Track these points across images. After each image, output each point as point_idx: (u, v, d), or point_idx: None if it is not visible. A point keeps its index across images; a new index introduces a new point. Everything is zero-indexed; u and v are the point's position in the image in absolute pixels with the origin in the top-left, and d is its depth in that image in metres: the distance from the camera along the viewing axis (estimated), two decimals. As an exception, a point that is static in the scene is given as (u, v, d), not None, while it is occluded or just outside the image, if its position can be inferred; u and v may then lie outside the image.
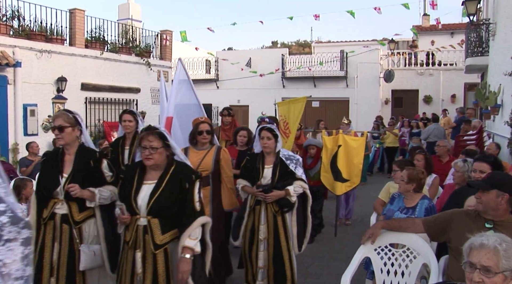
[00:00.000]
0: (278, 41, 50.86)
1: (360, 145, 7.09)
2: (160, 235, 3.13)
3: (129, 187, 3.24)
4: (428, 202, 4.18)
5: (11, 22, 11.42)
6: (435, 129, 13.13)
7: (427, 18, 26.48)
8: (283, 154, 4.60)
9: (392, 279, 3.59)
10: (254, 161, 4.67)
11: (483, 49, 13.09)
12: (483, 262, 2.17)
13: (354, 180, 7.03)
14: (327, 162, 7.00)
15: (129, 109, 5.26)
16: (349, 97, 22.03)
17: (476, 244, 2.23)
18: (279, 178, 4.48)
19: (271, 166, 4.55)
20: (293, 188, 4.45)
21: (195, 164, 4.62)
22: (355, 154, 7.00)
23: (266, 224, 4.53)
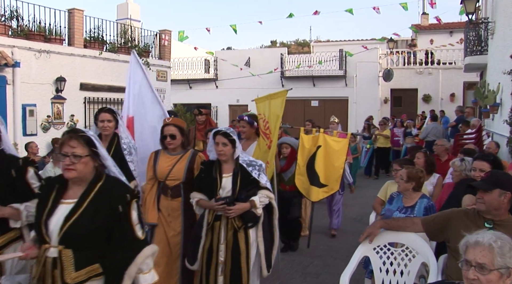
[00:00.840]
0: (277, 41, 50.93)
1: (342, 147, 6.24)
2: (73, 272, 2.38)
3: (41, 207, 2.51)
4: (427, 201, 4.18)
5: (10, 22, 11.42)
6: (433, 129, 13.14)
7: (426, 17, 26.48)
8: (243, 159, 4.02)
9: (391, 278, 3.59)
10: (209, 169, 4.03)
11: (482, 48, 13.09)
12: (478, 259, 2.18)
13: (333, 185, 6.19)
14: (303, 164, 6.19)
15: (106, 107, 4.71)
16: (348, 97, 22.04)
17: (471, 241, 2.24)
18: (240, 187, 3.90)
19: (230, 174, 3.96)
20: (259, 198, 3.89)
21: (164, 171, 4.28)
22: (336, 156, 6.18)
23: (226, 242, 3.92)
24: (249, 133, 5.54)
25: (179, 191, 4.31)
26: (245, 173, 3.95)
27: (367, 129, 14.45)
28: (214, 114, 23.07)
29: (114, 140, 4.59)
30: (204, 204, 4.01)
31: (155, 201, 4.34)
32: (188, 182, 4.27)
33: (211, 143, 4.03)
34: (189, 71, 24.31)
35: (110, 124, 4.60)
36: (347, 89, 22.00)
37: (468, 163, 4.63)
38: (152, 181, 4.39)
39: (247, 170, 3.95)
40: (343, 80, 21.98)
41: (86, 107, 13.01)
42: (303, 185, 6.17)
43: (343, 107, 22.01)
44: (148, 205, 4.31)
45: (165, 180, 4.29)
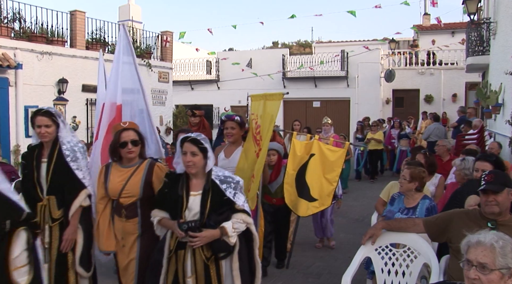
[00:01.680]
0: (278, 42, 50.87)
1: (339, 157, 5.33)
2: None
3: None
4: (429, 202, 4.17)
5: (12, 24, 11.46)
6: (435, 129, 13.13)
7: (427, 18, 26.46)
8: (217, 174, 3.31)
9: (392, 279, 3.59)
10: (174, 184, 3.32)
11: (484, 48, 13.07)
12: (479, 258, 2.18)
13: (324, 200, 5.36)
14: (292, 173, 5.42)
15: (43, 109, 3.88)
16: (350, 97, 22.02)
17: (473, 241, 2.25)
18: (211, 210, 3.20)
19: (199, 192, 3.24)
20: (232, 224, 3.19)
21: (117, 187, 3.63)
22: (331, 168, 5.32)
23: (194, 275, 3.23)
24: (237, 137, 4.91)
25: (135, 210, 3.66)
26: (217, 192, 3.23)
27: (360, 131, 13.93)
28: (215, 115, 23.08)
29: (55, 147, 3.84)
30: (167, 224, 3.32)
31: (110, 224, 3.73)
32: (146, 199, 3.62)
33: (178, 153, 3.33)
34: (191, 73, 24.34)
35: (49, 130, 3.82)
36: (349, 90, 21.99)
37: (468, 162, 4.64)
38: (104, 200, 3.75)
39: (220, 188, 3.24)
40: (345, 81, 21.98)
41: (88, 108, 13.04)
42: (291, 196, 5.38)
43: (345, 108, 22.01)
44: (102, 229, 3.70)
45: (119, 198, 3.65)
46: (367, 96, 21.46)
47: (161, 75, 15.79)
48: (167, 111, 16.22)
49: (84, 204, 3.79)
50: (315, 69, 21.72)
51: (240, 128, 4.88)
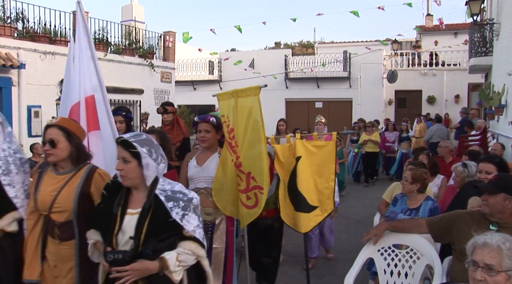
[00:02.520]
0: (281, 42, 50.90)
1: (328, 152, 4.59)
2: None
3: None
4: (432, 203, 4.17)
5: (15, 24, 11.48)
6: (438, 130, 13.12)
7: (430, 18, 26.46)
8: (163, 188, 2.57)
9: (395, 280, 3.58)
10: (113, 198, 2.62)
11: (487, 49, 13.06)
12: (486, 260, 2.17)
13: (326, 205, 4.56)
14: (283, 184, 4.63)
15: None
16: (352, 98, 22.01)
17: (479, 242, 2.24)
18: (149, 234, 2.47)
19: (138, 210, 2.53)
20: (177, 255, 2.48)
21: (47, 199, 2.91)
22: (323, 166, 4.59)
23: None
24: (212, 142, 4.09)
25: (70, 230, 2.92)
26: (160, 211, 2.50)
27: (355, 133, 13.34)
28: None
29: None
30: (100, 250, 2.61)
31: (38, 246, 2.96)
32: (81, 213, 2.92)
33: None
34: (193, 73, 24.36)
35: None
36: (351, 90, 21.98)
37: (471, 168, 4.62)
38: (35, 215, 3.00)
39: (164, 206, 2.50)
40: (347, 81, 21.97)
41: (90, 108, 13.04)
42: (285, 210, 4.60)
43: (347, 109, 22.00)
44: (28, 253, 2.96)
45: (49, 213, 2.91)
46: (370, 97, 21.45)
47: (163, 75, 15.80)
48: (169, 111, 16.22)
49: (8, 229, 2.98)
50: (318, 70, 21.71)
51: (216, 131, 4.06)
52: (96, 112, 3.95)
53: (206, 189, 3.95)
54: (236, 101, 3.92)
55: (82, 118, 3.80)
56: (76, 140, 3.03)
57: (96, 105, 3.98)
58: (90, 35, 4.25)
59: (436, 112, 19.16)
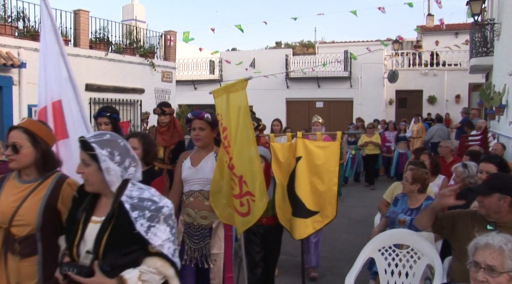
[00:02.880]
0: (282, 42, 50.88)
1: (332, 153, 4.11)
2: None
3: None
4: (432, 203, 4.16)
5: (16, 23, 11.49)
6: (438, 130, 13.11)
7: (431, 18, 26.45)
8: (130, 195, 2.25)
9: (396, 279, 3.59)
10: (80, 203, 2.36)
11: (487, 49, 13.05)
12: (488, 261, 2.17)
13: (328, 211, 4.07)
14: (282, 185, 4.15)
15: None
16: (353, 98, 22.02)
17: (481, 243, 2.23)
18: (109, 247, 2.17)
19: (101, 218, 2.24)
20: (138, 275, 2.15)
21: (7, 210, 2.55)
22: (325, 168, 4.10)
23: None
24: (208, 140, 3.79)
25: (33, 245, 2.56)
26: (123, 221, 2.17)
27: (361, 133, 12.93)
28: (218, 115, 23.05)
29: None
30: None
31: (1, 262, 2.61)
32: (49, 229, 2.56)
33: None
34: (194, 72, 24.36)
35: None
36: (352, 90, 21.98)
37: (471, 168, 4.61)
38: None
39: (129, 215, 2.17)
40: (348, 81, 21.97)
41: (91, 108, 13.05)
42: (285, 215, 4.15)
43: (348, 109, 22.00)
44: None
45: (9, 227, 2.55)
46: (370, 97, 21.45)
47: (164, 75, 15.81)
48: (170, 111, 16.24)
49: None
50: (318, 70, 21.71)
51: (211, 129, 3.76)
52: (63, 119, 3.58)
53: (201, 192, 3.69)
54: (228, 97, 3.55)
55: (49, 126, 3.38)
56: (43, 145, 2.66)
57: (64, 110, 3.62)
58: (57, 28, 3.94)
59: (436, 112, 19.16)
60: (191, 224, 3.68)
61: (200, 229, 3.67)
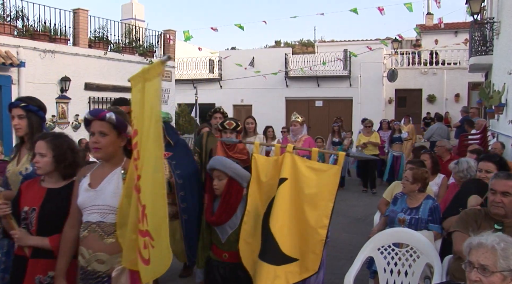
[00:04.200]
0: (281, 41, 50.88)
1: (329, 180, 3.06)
2: None
3: None
4: (432, 202, 4.16)
5: (15, 22, 11.47)
6: (438, 129, 13.10)
7: (430, 17, 26.45)
8: None
9: (395, 278, 3.58)
10: None
11: (487, 48, 13.04)
12: (481, 260, 2.18)
13: (308, 261, 3.05)
14: (254, 215, 3.23)
15: None
16: (353, 97, 22.01)
17: (474, 243, 2.24)
18: None
19: None
20: None
21: None
22: (317, 200, 3.06)
23: None
24: (111, 150, 2.72)
25: None
26: None
27: (337, 133, 11.64)
28: (218, 114, 23.01)
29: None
30: None
31: None
32: None
33: None
34: (193, 71, 24.36)
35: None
36: (352, 89, 21.97)
37: (461, 164, 4.65)
38: None
39: None
40: (347, 80, 21.96)
41: (90, 107, 13.04)
42: (252, 253, 3.18)
43: (347, 108, 21.99)
44: None
45: None
46: (370, 96, 21.45)
47: (163, 74, 15.79)
48: (169, 110, 16.23)
49: None
50: (318, 69, 21.69)
51: (117, 134, 2.70)
52: None
53: (100, 224, 2.63)
54: (143, 88, 2.31)
55: None
56: None
57: None
58: None
59: (436, 111, 19.15)
60: (85, 268, 2.65)
61: (96, 277, 2.63)
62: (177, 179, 4.48)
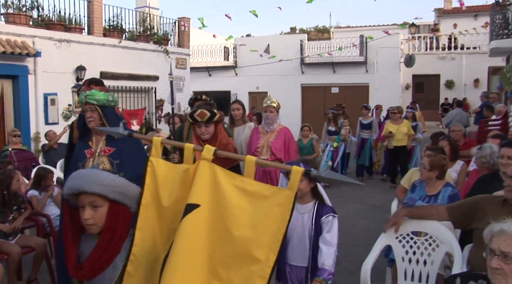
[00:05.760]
0: (296, 27, 50.38)
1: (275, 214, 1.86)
2: None
3: None
4: (451, 189, 4.06)
5: (31, 12, 11.52)
6: (457, 115, 12.87)
7: (449, 0, 25.88)
8: None
9: (414, 267, 3.52)
10: None
11: (509, 31, 12.74)
12: (502, 248, 2.11)
13: None
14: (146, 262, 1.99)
15: None
16: (369, 83, 21.72)
17: (495, 230, 2.18)
18: None
19: None
20: None
21: None
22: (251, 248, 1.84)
23: None
24: None
25: None
26: None
27: (332, 121, 10.15)
28: (233, 102, 22.99)
29: None
30: None
31: None
32: None
33: None
34: (208, 59, 24.30)
35: None
36: (368, 75, 21.68)
37: (484, 149, 4.52)
38: None
39: None
40: (363, 66, 21.68)
41: (106, 96, 13.10)
42: None
43: (363, 94, 21.72)
44: None
45: None
46: (387, 82, 21.14)
47: (178, 62, 15.76)
48: (184, 97, 16.22)
49: None
50: (334, 55, 21.44)
51: None
52: None
53: None
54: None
55: None
56: None
57: None
58: None
59: (454, 97, 18.84)
60: None
61: None
62: None
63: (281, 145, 5.18)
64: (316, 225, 3.12)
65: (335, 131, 10.10)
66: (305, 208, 3.17)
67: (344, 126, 10.27)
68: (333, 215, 3.16)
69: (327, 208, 3.21)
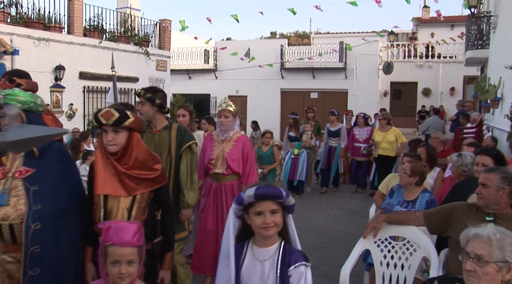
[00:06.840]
0: (277, 32, 50.66)
1: None
2: None
3: None
4: (429, 195, 4.15)
5: (9, 9, 11.33)
6: (434, 122, 13.14)
7: (427, 10, 26.40)
8: None
9: (391, 271, 3.58)
10: None
11: (483, 42, 13.05)
12: (476, 250, 2.18)
13: None
14: None
15: None
16: (348, 89, 21.98)
17: (471, 234, 2.25)
18: None
19: None
20: None
21: None
22: None
23: None
24: None
25: None
26: None
27: (293, 127, 9.23)
28: (213, 104, 22.99)
29: None
30: None
31: None
32: None
33: None
34: (189, 62, 24.22)
35: None
36: (347, 81, 21.94)
37: (465, 158, 4.62)
38: None
39: None
40: (343, 72, 21.92)
41: (85, 96, 12.95)
42: None
43: (342, 100, 21.96)
44: None
45: None
46: (365, 88, 21.43)
47: (159, 64, 15.69)
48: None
49: None
50: (314, 60, 21.62)
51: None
52: None
53: None
54: None
55: None
56: None
57: None
58: None
59: (431, 104, 19.22)
60: None
61: None
62: (31, 221, 2.43)
63: (239, 156, 4.41)
64: (282, 278, 2.21)
65: (295, 137, 9.18)
66: (266, 253, 2.28)
67: (306, 132, 9.24)
68: (305, 264, 2.27)
69: (296, 253, 2.30)
